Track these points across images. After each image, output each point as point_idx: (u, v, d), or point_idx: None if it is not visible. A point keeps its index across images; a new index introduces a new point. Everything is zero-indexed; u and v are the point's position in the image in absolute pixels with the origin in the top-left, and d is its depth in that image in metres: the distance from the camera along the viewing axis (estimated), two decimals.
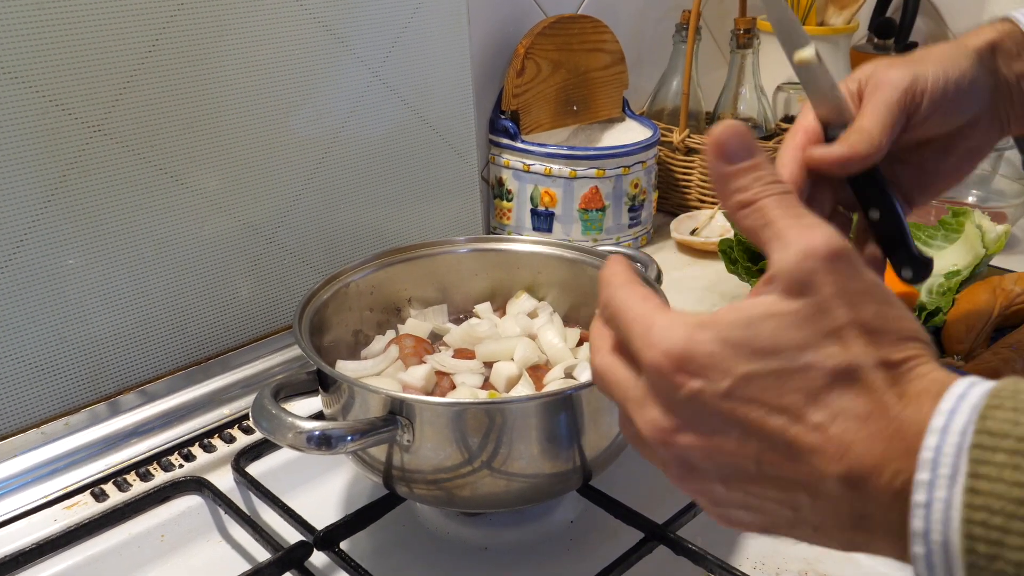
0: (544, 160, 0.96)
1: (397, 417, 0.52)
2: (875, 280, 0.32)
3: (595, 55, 1.04)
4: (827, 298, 0.31)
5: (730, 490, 0.33)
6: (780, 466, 0.31)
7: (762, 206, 0.33)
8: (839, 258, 0.31)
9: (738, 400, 0.31)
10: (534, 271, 0.73)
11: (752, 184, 0.34)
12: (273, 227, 0.78)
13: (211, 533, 0.63)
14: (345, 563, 0.56)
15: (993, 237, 0.83)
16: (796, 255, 0.31)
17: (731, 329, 0.31)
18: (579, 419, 0.55)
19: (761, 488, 0.32)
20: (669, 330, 0.32)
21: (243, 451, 0.66)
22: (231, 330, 0.77)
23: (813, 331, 0.31)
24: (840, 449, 0.30)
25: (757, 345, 0.31)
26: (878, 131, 0.46)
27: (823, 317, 0.31)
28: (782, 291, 0.32)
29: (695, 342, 0.32)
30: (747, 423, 0.31)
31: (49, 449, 0.66)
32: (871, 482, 0.30)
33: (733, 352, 0.31)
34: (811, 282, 0.31)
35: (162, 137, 0.69)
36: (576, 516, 0.64)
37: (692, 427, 0.32)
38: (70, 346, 0.67)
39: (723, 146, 0.34)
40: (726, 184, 0.34)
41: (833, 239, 0.31)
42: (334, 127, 0.80)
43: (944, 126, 0.49)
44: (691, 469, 0.34)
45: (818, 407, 0.30)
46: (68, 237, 0.66)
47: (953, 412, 0.29)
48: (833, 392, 0.30)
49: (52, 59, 0.62)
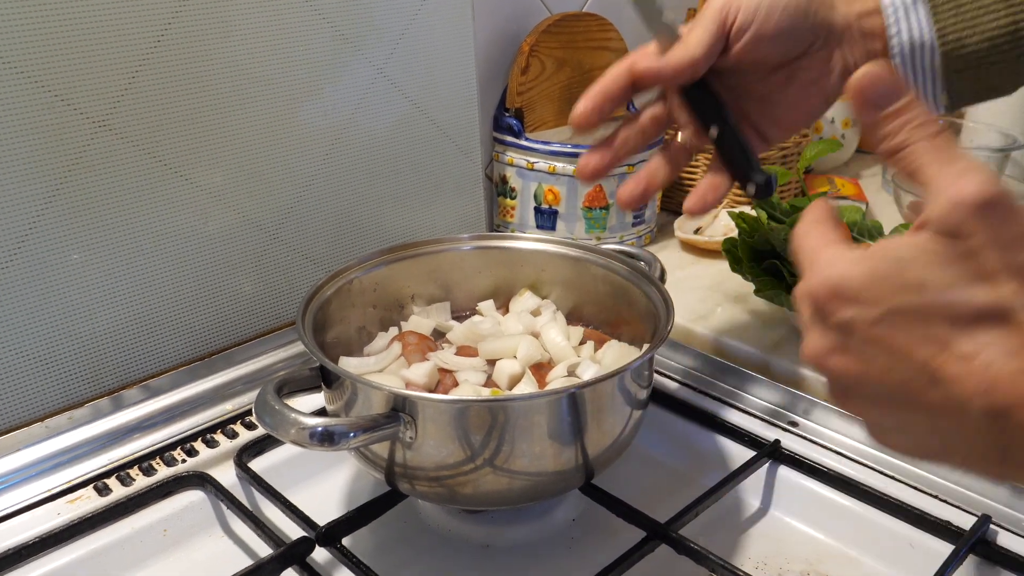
0: (548, 158, 0.96)
1: (400, 414, 0.52)
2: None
3: (600, 53, 1.04)
4: (978, 244, 0.31)
5: (882, 413, 0.35)
6: (926, 394, 0.33)
7: (912, 152, 0.34)
8: (991, 205, 0.31)
9: (887, 327, 0.33)
10: (537, 269, 0.73)
11: (900, 129, 0.34)
12: (277, 223, 0.78)
13: (213, 528, 0.63)
14: (347, 559, 0.56)
15: None
16: (946, 204, 0.32)
17: (883, 262, 0.33)
18: (581, 418, 0.55)
19: (910, 414, 0.34)
20: (830, 262, 0.35)
21: (246, 447, 0.66)
22: (234, 326, 0.77)
23: (962, 272, 0.32)
24: (985, 381, 0.31)
25: (906, 279, 0.32)
26: (693, 43, 0.51)
27: (973, 260, 0.31)
28: (933, 232, 0.32)
29: (850, 273, 0.34)
30: (894, 350, 0.33)
31: (52, 443, 0.66)
32: (1016, 415, 0.30)
33: (882, 284, 0.33)
34: (962, 230, 0.31)
35: (166, 132, 0.69)
36: (578, 514, 0.64)
37: (843, 351, 0.34)
38: (73, 340, 0.67)
39: (866, 93, 0.35)
40: (875, 131, 0.35)
41: (986, 186, 0.31)
42: (338, 124, 0.80)
43: (768, 50, 0.52)
44: (845, 390, 0.36)
45: (966, 339, 0.31)
46: (72, 232, 0.66)
47: None
48: (981, 327, 0.31)
49: (57, 54, 0.62)
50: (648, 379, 0.61)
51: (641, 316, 0.66)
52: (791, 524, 0.64)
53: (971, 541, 0.57)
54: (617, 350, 0.66)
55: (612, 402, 0.57)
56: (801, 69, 0.54)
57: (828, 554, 0.62)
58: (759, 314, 0.86)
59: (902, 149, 0.34)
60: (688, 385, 0.76)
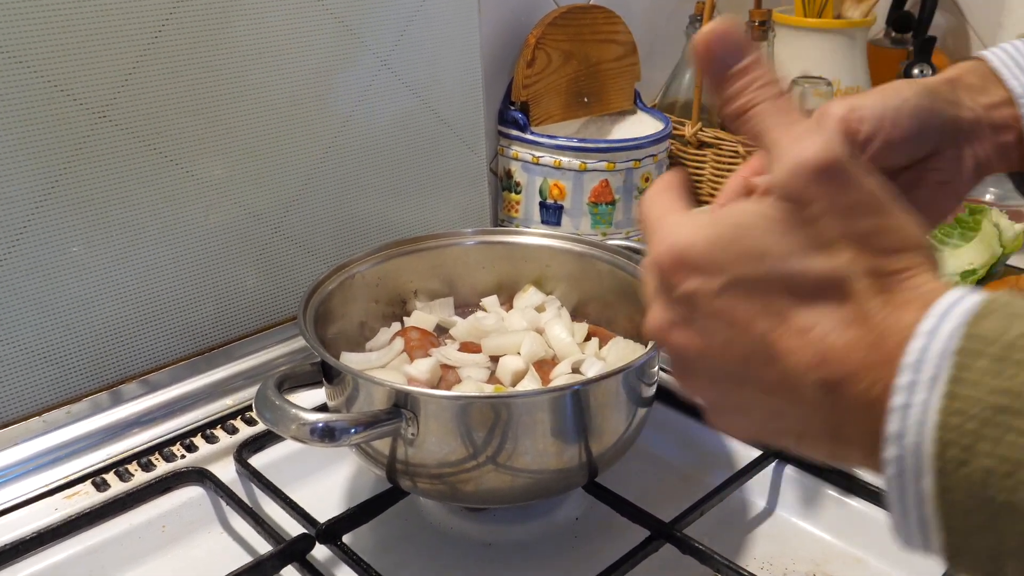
0: (554, 152, 0.95)
1: (401, 410, 0.52)
2: (873, 190, 0.31)
3: (607, 46, 1.03)
4: (817, 211, 0.31)
5: (721, 392, 0.34)
6: (763, 369, 0.32)
7: (755, 114, 0.33)
8: (831, 170, 0.31)
9: (729, 298, 0.32)
10: (542, 265, 0.73)
11: (745, 89, 0.33)
12: (279, 217, 0.77)
13: (212, 524, 0.63)
14: (347, 557, 0.55)
15: (1011, 236, 0.82)
16: (786, 169, 0.31)
17: (726, 229, 0.32)
18: (585, 415, 0.54)
19: (749, 392, 0.33)
20: (672, 233, 0.34)
21: (246, 442, 0.65)
22: (235, 320, 0.77)
23: (802, 240, 0.31)
24: (819, 354, 0.30)
25: (748, 247, 0.32)
26: None
27: (811, 228, 0.31)
28: (774, 198, 0.32)
29: (693, 239, 0.33)
30: (735, 322, 0.32)
31: (50, 438, 0.65)
32: (848, 388, 0.30)
33: (724, 252, 0.32)
34: (801, 196, 0.31)
35: (168, 124, 0.68)
36: (581, 513, 0.64)
37: (686, 324, 0.34)
38: (73, 334, 0.67)
39: (711, 52, 0.33)
40: (719, 92, 0.34)
41: (825, 150, 0.31)
42: (341, 116, 0.79)
43: (896, 157, 0.50)
44: (686, 367, 0.35)
45: (801, 312, 0.31)
46: (72, 225, 0.65)
47: (944, 316, 0.28)
48: (818, 299, 0.31)
49: (57, 43, 0.61)
50: (653, 377, 0.60)
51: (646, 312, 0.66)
52: (797, 524, 0.64)
53: None
54: (622, 347, 0.66)
55: (616, 400, 0.56)
56: (930, 170, 0.51)
57: (834, 554, 0.61)
58: None
59: (747, 111, 0.33)
60: None
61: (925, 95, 0.49)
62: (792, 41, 1.18)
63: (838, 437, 0.31)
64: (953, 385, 0.27)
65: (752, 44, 0.34)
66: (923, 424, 0.27)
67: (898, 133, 0.48)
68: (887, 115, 0.48)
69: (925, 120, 0.49)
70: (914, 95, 0.48)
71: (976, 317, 0.28)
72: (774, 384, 0.32)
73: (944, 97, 0.49)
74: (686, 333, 0.34)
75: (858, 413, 0.30)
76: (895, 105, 0.48)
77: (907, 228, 0.31)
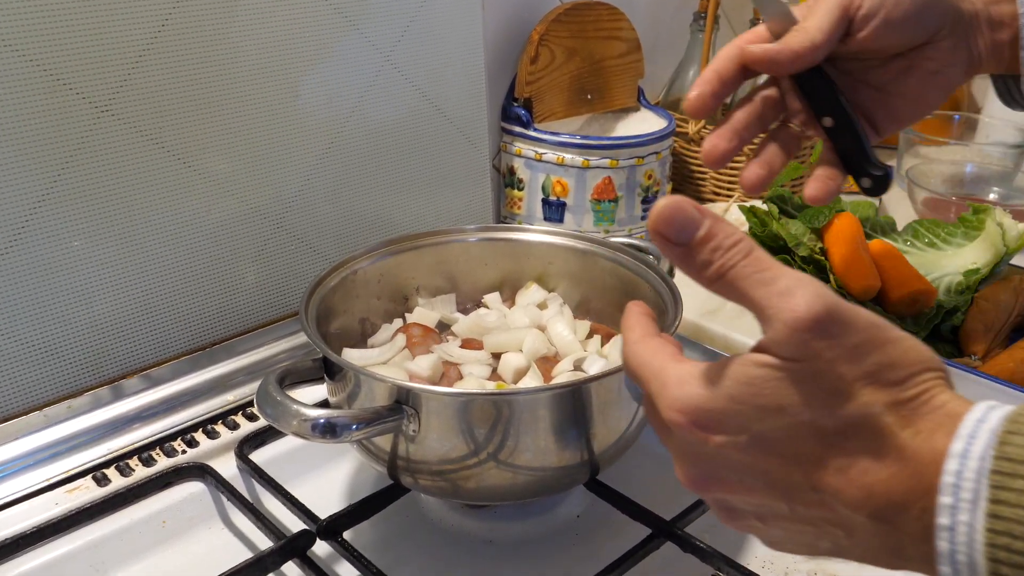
0: (557, 149, 0.95)
1: (403, 407, 0.52)
2: (870, 323, 0.31)
3: (611, 43, 1.03)
4: (826, 362, 0.31)
5: (769, 527, 0.35)
6: (811, 509, 0.33)
7: (731, 279, 0.33)
8: (826, 321, 0.31)
9: (758, 452, 0.32)
10: (544, 262, 0.72)
11: (712, 256, 0.33)
12: (281, 212, 0.77)
13: (213, 520, 0.63)
14: (348, 553, 0.55)
15: (1014, 235, 0.81)
16: (783, 331, 0.31)
17: (736, 386, 0.32)
18: (587, 412, 0.54)
19: (799, 525, 0.34)
20: (680, 388, 0.34)
21: (247, 438, 0.65)
22: (237, 315, 0.76)
23: (817, 390, 0.31)
24: (863, 492, 0.31)
25: (763, 404, 0.32)
26: (814, 28, 0.48)
27: (825, 378, 0.31)
28: (778, 356, 0.32)
29: (706, 399, 0.33)
30: (771, 471, 0.33)
31: (51, 432, 0.65)
32: (900, 517, 0.31)
33: (742, 409, 0.32)
34: (806, 353, 0.31)
35: (170, 119, 0.68)
36: (582, 511, 0.63)
37: (720, 476, 0.34)
38: (74, 329, 0.67)
39: (667, 228, 0.33)
40: (686, 264, 0.34)
41: (814, 303, 0.31)
42: (344, 112, 0.79)
43: (893, 38, 0.50)
44: (730, 511, 0.36)
45: (837, 454, 0.31)
46: (73, 219, 0.65)
47: (972, 437, 0.29)
48: (848, 439, 0.31)
49: (60, 37, 0.61)
50: None
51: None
52: None
53: None
54: None
55: (618, 397, 0.56)
56: (923, 58, 0.52)
57: None
58: None
59: (722, 276, 0.33)
60: None
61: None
62: None
63: (900, 555, 0.32)
64: (995, 506, 0.28)
65: (705, 209, 0.34)
66: (972, 543, 0.28)
67: (898, 13, 0.49)
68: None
69: (925, 5, 0.49)
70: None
71: (1004, 435, 0.29)
72: (825, 520, 0.33)
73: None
74: (724, 485, 0.34)
75: (915, 539, 0.31)
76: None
77: (912, 351, 0.32)
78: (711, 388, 0.33)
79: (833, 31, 0.48)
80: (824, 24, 0.48)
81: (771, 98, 0.52)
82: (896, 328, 0.32)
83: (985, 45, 0.52)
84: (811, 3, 0.50)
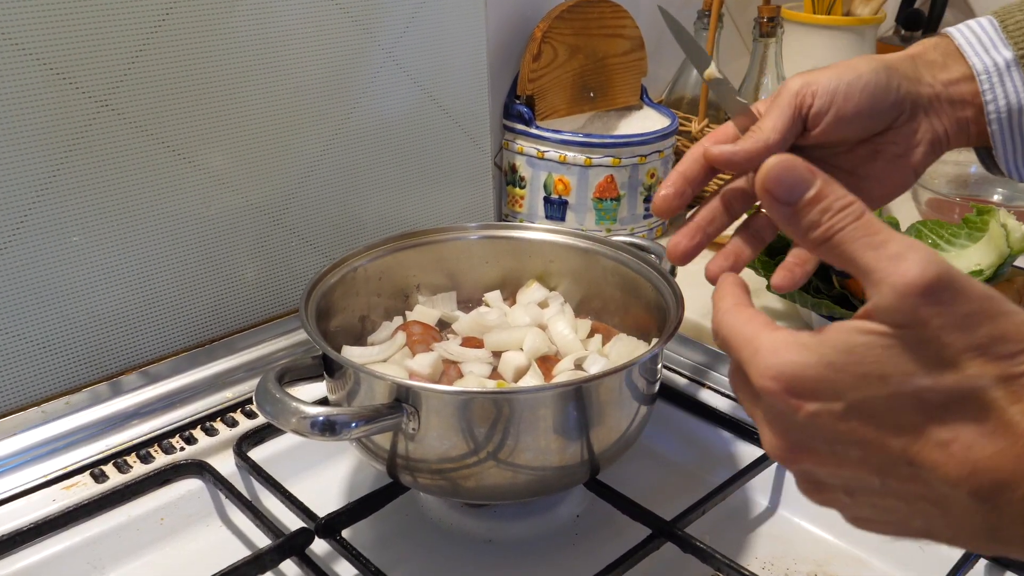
0: (559, 147, 0.95)
1: (403, 405, 0.52)
2: (984, 294, 0.31)
3: (614, 41, 1.03)
4: (935, 330, 0.30)
5: (858, 503, 0.34)
6: (905, 483, 0.32)
7: (839, 241, 0.32)
8: (939, 287, 0.30)
9: (855, 421, 0.31)
10: (546, 260, 0.72)
11: (821, 218, 0.32)
12: (281, 208, 0.77)
13: (211, 518, 0.63)
14: (347, 551, 0.55)
15: (1018, 236, 0.81)
16: (893, 295, 0.30)
17: (835, 354, 0.31)
18: (588, 412, 0.54)
19: (890, 501, 0.33)
20: (775, 355, 0.33)
21: (245, 435, 0.65)
22: (236, 312, 0.76)
23: (923, 359, 0.31)
24: (966, 468, 0.30)
25: (864, 371, 0.31)
26: (768, 128, 0.49)
27: (932, 346, 0.30)
28: (885, 323, 0.31)
29: (802, 365, 0.32)
30: (867, 442, 0.32)
31: (49, 428, 0.65)
32: (1003, 498, 0.30)
33: (841, 377, 0.31)
34: (914, 319, 0.30)
35: (170, 113, 0.68)
36: (582, 510, 0.63)
37: (811, 447, 0.33)
38: (72, 324, 0.67)
39: (776, 186, 0.33)
40: (794, 224, 0.33)
41: (927, 268, 0.30)
42: (345, 107, 0.79)
43: (849, 130, 0.51)
44: (817, 484, 0.35)
45: (938, 426, 0.31)
46: (72, 214, 0.65)
47: None
48: (953, 412, 0.30)
49: (59, 30, 0.61)
50: (656, 374, 0.60)
51: (650, 310, 0.65)
52: (799, 524, 0.63)
53: None
54: (625, 344, 0.65)
55: (619, 397, 0.56)
56: (886, 143, 0.52)
57: (836, 555, 0.61)
58: (771, 310, 0.85)
59: (828, 239, 0.32)
60: (697, 381, 0.75)
61: (882, 71, 0.49)
62: (801, 38, 1.17)
63: (995, 537, 0.31)
64: None
65: (816, 169, 0.33)
66: None
67: (850, 107, 0.49)
68: (840, 89, 0.49)
69: (878, 95, 0.50)
70: (869, 71, 0.49)
71: None
72: (920, 496, 0.32)
73: (903, 73, 0.50)
74: (814, 456, 0.34)
75: (1017, 518, 0.30)
76: (848, 80, 0.49)
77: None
78: (808, 355, 0.32)
79: (786, 130, 0.49)
80: (778, 124, 0.49)
81: (738, 190, 0.52)
82: (1009, 302, 0.32)
83: (949, 124, 0.52)
84: (768, 101, 0.51)
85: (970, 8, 1.26)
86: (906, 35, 1.23)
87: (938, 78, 0.52)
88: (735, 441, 0.68)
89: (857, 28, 1.17)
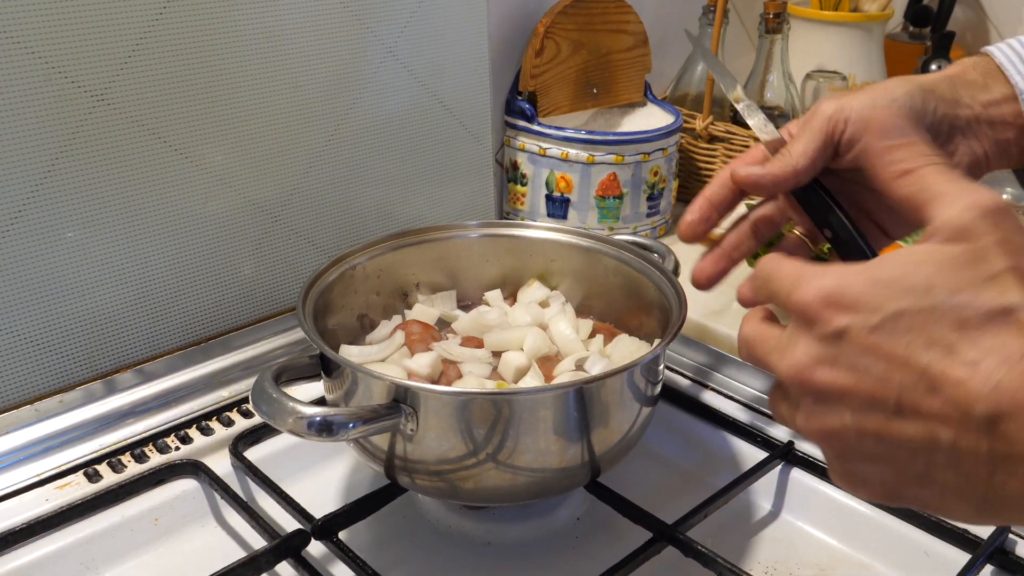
0: (561, 144, 0.94)
1: (401, 405, 0.51)
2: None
3: (617, 36, 1.02)
4: (987, 245, 0.32)
5: (862, 433, 0.34)
6: (923, 398, 0.32)
7: (923, 174, 0.37)
8: (1002, 212, 0.33)
9: (886, 334, 0.32)
10: (547, 259, 0.72)
11: (911, 156, 0.38)
12: (279, 205, 0.76)
13: (206, 518, 0.62)
14: (343, 553, 0.55)
15: None
16: (959, 207, 0.33)
17: (884, 270, 0.33)
18: (589, 413, 0.54)
19: (898, 426, 0.33)
20: (821, 275, 0.35)
21: (241, 435, 0.65)
22: (233, 310, 0.76)
23: (970, 274, 0.32)
24: (988, 383, 0.31)
25: (912, 283, 0.33)
26: (797, 153, 0.49)
27: (981, 262, 0.32)
28: (942, 239, 0.33)
29: (846, 282, 0.34)
30: (893, 356, 0.32)
31: (42, 427, 0.65)
32: (1011, 424, 0.30)
33: (885, 290, 0.33)
34: (972, 230, 0.33)
35: (167, 109, 0.67)
36: (583, 513, 0.63)
37: (834, 361, 0.34)
38: (67, 322, 0.66)
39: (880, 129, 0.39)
40: (884, 156, 0.39)
41: (997, 197, 0.33)
42: (345, 104, 0.78)
43: None
44: (827, 407, 0.35)
45: (971, 343, 0.31)
46: (68, 209, 0.64)
47: None
48: (987, 330, 0.31)
49: (56, 24, 0.60)
50: (659, 375, 0.60)
51: (653, 310, 0.65)
52: (803, 528, 0.63)
53: (988, 550, 0.56)
54: (627, 344, 0.65)
55: (621, 398, 0.55)
56: None
57: (840, 560, 0.60)
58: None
59: (911, 172, 0.37)
60: (700, 382, 0.74)
61: (917, 93, 0.49)
62: (807, 34, 1.16)
63: (993, 487, 0.31)
64: None
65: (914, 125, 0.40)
66: None
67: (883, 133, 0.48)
68: (874, 116, 0.48)
69: (913, 119, 0.49)
70: (904, 94, 0.48)
71: None
72: (934, 413, 0.32)
73: (939, 95, 0.50)
74: (833, 371, 0.34)
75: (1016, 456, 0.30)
76: (882, 104, 0.48)
77: None
78: (854, 275, 0.34)
79: (816, 156, 0.49)
80: (808, 148, 0.49)
81: (766, 216, 0.52)
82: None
83: (989, 146, 0.52)
84: (801, 122, 0.50)
85: (980, 5, 1.25)
86: (914, 31, 1.22)
87: (977, 99, 0.51)
88: (738, 443, 0.68)
89: (865, 24, 1.16)
